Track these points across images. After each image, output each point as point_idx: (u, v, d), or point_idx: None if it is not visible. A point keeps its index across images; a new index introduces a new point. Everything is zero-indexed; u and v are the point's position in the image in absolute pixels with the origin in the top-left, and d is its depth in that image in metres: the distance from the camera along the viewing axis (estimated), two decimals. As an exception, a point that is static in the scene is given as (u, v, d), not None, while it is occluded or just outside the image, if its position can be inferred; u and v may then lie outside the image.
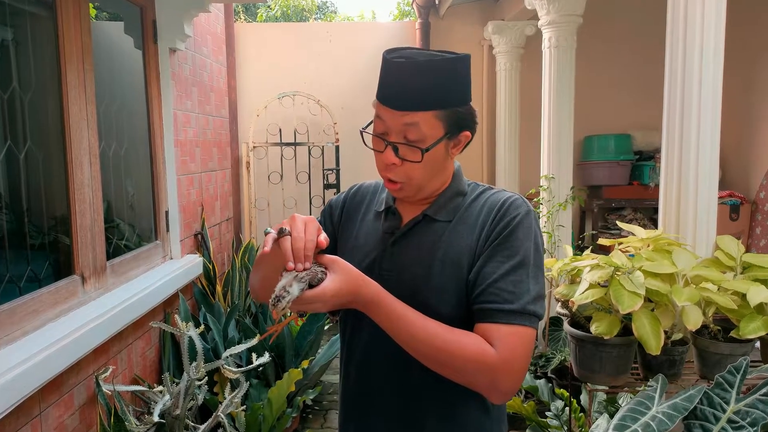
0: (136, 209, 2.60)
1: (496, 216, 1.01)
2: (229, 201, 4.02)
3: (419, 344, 0.92)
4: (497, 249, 0.98)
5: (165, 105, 2.78)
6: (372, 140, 1.04)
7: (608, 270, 1.55)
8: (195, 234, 3.17)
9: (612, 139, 4.49)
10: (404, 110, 0.96)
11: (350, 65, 4.50)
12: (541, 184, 3.21)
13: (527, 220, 1.00)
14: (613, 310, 1.56)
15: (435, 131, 0.98)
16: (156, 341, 2.55)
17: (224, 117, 3.96)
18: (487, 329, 0.93)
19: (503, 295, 0.94)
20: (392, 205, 1.10)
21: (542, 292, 0.98)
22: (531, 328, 0.94)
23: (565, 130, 3.10)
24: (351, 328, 1.12)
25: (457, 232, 1.02)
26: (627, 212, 4.57)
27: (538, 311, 0.95)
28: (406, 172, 1.00)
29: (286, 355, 2.86)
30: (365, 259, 1.07)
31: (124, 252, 2.38)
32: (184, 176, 3.02)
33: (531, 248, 0.98)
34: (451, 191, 1.07)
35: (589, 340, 1.55)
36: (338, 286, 0.89)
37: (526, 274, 0.96)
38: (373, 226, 1.11)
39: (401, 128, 0.97)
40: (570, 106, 3.11)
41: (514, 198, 1.03)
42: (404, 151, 0.99)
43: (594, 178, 4.52)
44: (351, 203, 1.18)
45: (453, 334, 0.93)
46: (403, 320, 0.93)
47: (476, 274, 0.98)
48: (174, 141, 2.85)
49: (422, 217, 1.06)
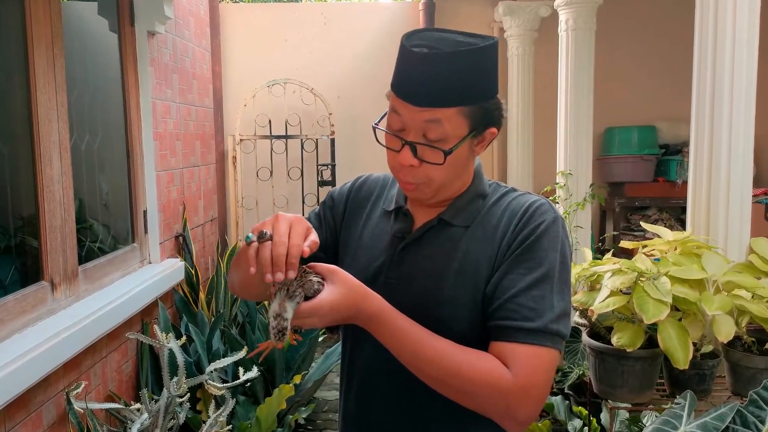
0: (111, 209, 2.60)
1: (519, 222, 0.99)
2: (213, 199, 4.02)
3: (426, 365, 0.92)
4: (519, 259, 0.96)
5: (143, 94, 2.78)
6: (385, 137, 1.02)
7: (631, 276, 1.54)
8: (176, 236, 3.17)
9: (635, 132, 4.49)
10: (426, 106, 0.94)
11: (347, 50, 4.50)
12: (557, 181, 3.21)
13: (554, 228, 0.98)
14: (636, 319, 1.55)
15: (459, 130, 0.96)
16: (133, 354, 2.55)
17: (208, 107, 3.96)
18: (504, 349, 0.92)
19: (523, 311, 0.93)
20: (403, 206, 1.09)
21: (567, 309, 0.96)
22: (553, 350, 0.93)
23: (584, 122, 3.10)
24: (353, 339, 1.11)
25: (475, 239, 1.01)
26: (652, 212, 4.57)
27: (562, 330, 0.93)
28: (425, 173, 0.99)
29: (277, 369, 2.86)
30: (371, 264, 1.06)
31: (97, 256, 2.38)
32: (163, 172, 3.02)
33: (557, 260, 0.96)
34: (471, 193, 1.05)
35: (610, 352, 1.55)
36: (337, 299, 0.88)
37: (550, 289, 0.94)
38: (381, 226, 1.10)
39: (421, 126, 0.95)
40: (589, 95, 3.11)
41: (540, 203, 1.02)
42: (423, 152, 0.97)
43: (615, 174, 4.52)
44: (356, 197, 1.17)
45: (465, 355, 0.91)
46: (409, 338, 0.92)
47: (494, 287, 0.96)
48: (153, 133, 2.85)
49: (437, 221, 1.04)
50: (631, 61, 4.61)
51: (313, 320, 0.87)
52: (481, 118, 0.97)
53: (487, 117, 0.98)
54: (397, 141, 0.98)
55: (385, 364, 1.01)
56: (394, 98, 0.99)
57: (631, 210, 4.67)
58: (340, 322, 0.93)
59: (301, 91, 4.30)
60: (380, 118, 1.03)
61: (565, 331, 0.94)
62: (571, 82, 3.08)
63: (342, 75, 4.50)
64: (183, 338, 2.26)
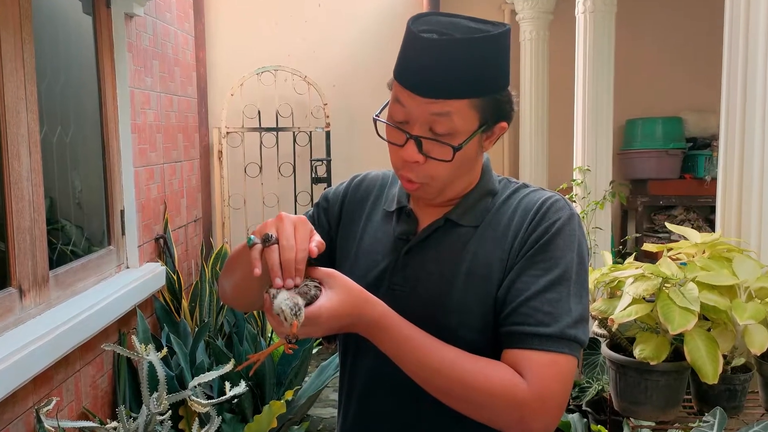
0: (86, 208, 2.60)
1: (533, 220, 1.00)
2: (197, 198, 4.02)
3: (433, 375, 0.92)
4: (533, 260, 0.97)
5: (120, 82, 2.78)
6: (387, 130, 1.02)
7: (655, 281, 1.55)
8: (156, 238, 3.17)
9: (659, 124, 4.49)
10: (434, 97, 0.94)
11: (344, 35, 4.50)
12: (573, 178, 3.21)
13: (570, 225, 0.99)
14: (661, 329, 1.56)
15: (469, 124, 0.96)
16: (109, 368, 2.55)
17: (191, 96, 3.96)
18: (518, 357, 0.93)
19: (538, 315, 0.93)
20: (406, 205, 1.09)
21: (585, 313, 0.97)
22: (571, 357, 0.93)
23: (604, 113, 3.10)
24: (353, 350, 1.11)
25: (486, 239, 1.02)
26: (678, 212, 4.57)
27: (579, 336, 0.94)
28: (430, 171, 0.99)
29: (266, 384, 2.86)
30: (372, 270, 1.07)
31: (70, 260, 2.38)
32: (142, 168, 3.02)
33: (573, 260, 0.97)
34: (479, 191, 1.06)
35: (633, 366, 1.55)
36: (336, 305, 0.88)
37: (567, 291, 0.95)
38: (382, 228, 1.10)
39: (428, 118, 0.96)
40: (609, 83, 3.11)
41: (554, 198, 1.02)
42: (430, 147, 0.97)
43: (638, 170, 4.52)
44: (354, 197, 1.17)
45: (475, 364, 0.92)
46: (414, 346, 0.92)
47: (506, 291, 0.97)
48: (131, 125, 2.85)
49: (444, 221, 1.05)
50: (655, 47, 4.61)
51: (310, 329, 0.87)
52: (492, 111, 0.98)
53: (499, 110, 0.99)
54: (401, 135, 0.98)
55: (388, 378, 1.02)
56: (397, 88, 0.98)
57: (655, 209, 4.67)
58: (339, 331, 0.93)
59: (293, 80, 4.30)
60: (381, 109, 1.03)
61: (583, 337, 0.95)
62: (589, 70, 3.08)
63: (338, 62, 4.50)
64: (164, 350, 2.25)
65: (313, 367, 3.47)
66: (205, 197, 4.22)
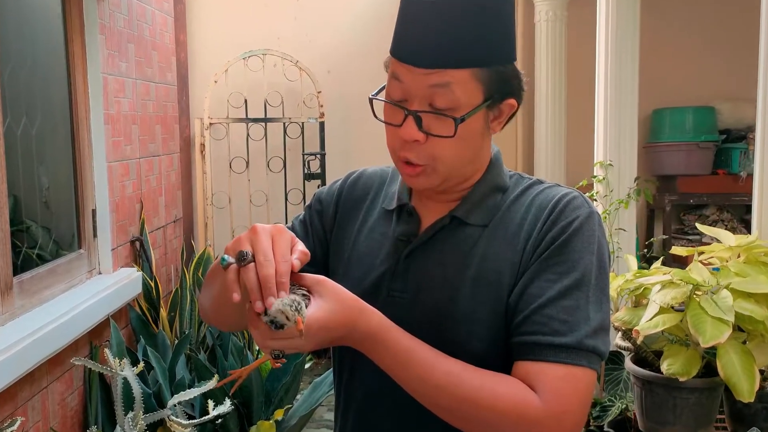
0: (53, 208, 2.60)
1: (548, 219, 1.00)
2: (177, 196, 4.02)
3: (437, 392, 0.92)
4: (548, 263, 0.97)
5: (91, 68, 2.78)
6: (384, 110, 1.02)
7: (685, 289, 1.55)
8: (131, 240, 3.17)
9: (689, 114, 4.49)
10: (432, 67, 0.95)
11: (340, 15, 4.50)
12: (594, 174, 3.21)
13: (588, 225, 0.99)
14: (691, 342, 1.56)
15: (472, 97, 0.97)
16: (79, 384, 2.55)
17: (171, 84, 3.96)
18: (531, 370, 0.93)
19: (553, 324, 0.93)
20: (407, 203, 1.09)
21: (606, 322, 0.97)
22: (589, 370, 0.93)
23: (628, 102, 3.10)
24: (349, 366, 1.11)
25: (496, 240, 1.02)
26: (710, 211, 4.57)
27: (599, 347, 0.94)
28: (432, 150, 0.99)
29: (254, 402, 2.86)
30: (369, 275, 1.07)
31: (36, 265, 2.38)
32: (116, 163, 3.02)
33: (593, 263, 0.97)
34: (487, 185, 1.06)
35: (660, 382, 1.55)
36: (327, 315, 0.88)
37: (585, 298, 0.95)
38: (381, 229, 1.10)
39: (427, 92, 0.96)
40: (633, 69, 3.11)
41: (571, 195, 1.02)
42: (430, 123, 0.98)
43: (666, 165, 4.52)
44: (350, 196, 1.17)
45: (483, 379, 0.92)
46: (416, 360, 0.92)
47: (518, 297, 0.97)
48: (104, 116, 2.85)
49: (449, 219, 1.05)
50: (685, 29, 4.61)
51: (297, 342, 0.87)
52: (498, 84, 0.98)
53: (505, 84, 0.99)
54: (399, 113, 0.99)
55: (387, 395, 1.02)
56: (394, 63, 0.99)
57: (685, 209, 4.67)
58: (331, 344, 0.93)
59: (283, 65, 4.30)
60: (378, 90, 1.04)
61: (603, 348, 0.95)
62: (611, 54, 3.08)
63: (334, 45, 4.50)
64: (140, 365, 2.26)
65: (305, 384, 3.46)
66: (185, 195, 4.22)
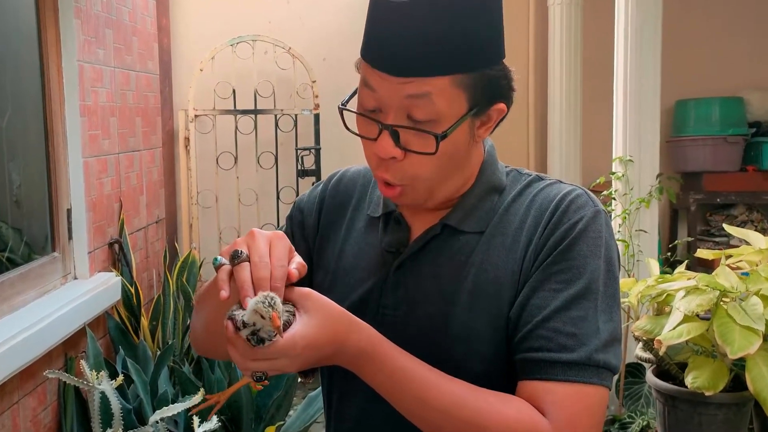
0: (25, 207, 2.60)
1: (550, 221, 1.00)
2: (159, 195, 4.02)
3: (436, 415, 0.92)
4: (551, 271, 0.97)
5: (66, 55, 2.77)
6: (357, 121, 1.01)
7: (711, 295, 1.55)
8: (110, 243, 3.17)
9: (716, 105, 4.50)
10: (408, 76, 0.92)
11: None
12: (613, 171, 3.21)
13: (595, 225, 0.99)
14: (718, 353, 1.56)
15: (455, 106, 0.95)
16: (54, 399, 2.55)
17: (152, 72, 3.96)
18: (537, 390, 0.93)
19: (560, 338, 0.93)
20: (395, 209, 1.09)
21: (617, 333, 0.97)
22: (602, 387, 0.93)
23: (649, 93, 3.11)
24: (339, 387, 1.11)
25: (493, 248, 1.01)
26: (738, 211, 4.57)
27: (611, 361, 0.94)
28: (411, 169, 0.98)
29: (243, 418, 2.86)
30: (356, 291, 1.07)
31: (7, 269, 2.38)
32: (93, 159, 3.02)
33: (600, 268, 0.97)
34: (481, 187, 1.05)
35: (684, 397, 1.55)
36: (314, 332, 0.87)
37: (594, 308, 0.95)
38: (367, 239, 1.10)
39: (403, 103, 0.94)
40: (656, 56, 3.11)
41: (576, 193, 1.02)
42: (409, 138, 0.96)
43: (690, 161, 4.52)
44: (333, 202, 1.17)
45: (489, 400, 0.92)
46: (413, 380, 0.92)
47: (521, 309, 0.97)
48: (79, 107, 2.85)
49: (441, 228, 1.04)
50: (711, 13, 4.61)
51: (282, 362, 0.86)
52: (484, 89, 0.96)
53: (492, 88, 0.97)
54: (373, 125, 0.97)
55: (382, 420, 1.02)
56: (365, 68, 0.98)
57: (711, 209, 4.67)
58: (319, 364, 0.92)
59: (275, 52, 4.30)
60: (349, 97, 1.02)
61: (615, 362, 0.95)
62: (631, 40, 3.08)
63: (330, 31, 4.50)
64: (119, 378, 2.25)
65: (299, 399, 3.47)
66: (169, 194, 4.22)
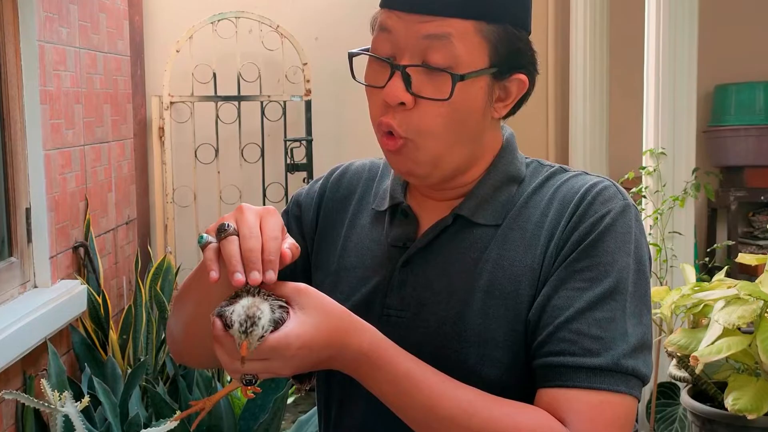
0: (-22, 205, 2.60)
1: (574, 214, 1.01)
2: (130, 192, 4.02)
3: (447, 425, 0.92)
4: (575, 268, 0.98)
5: (24, 34, 2.77)
6: (367, 69, 1.03)
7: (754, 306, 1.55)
8: (74, 246, 3.17)
9: (759, 90, 4.50)
10: (429, 13, 0.96)
11: (330, -31, 4.50)
12: (643, 165, 3.21)
13: (624, 220, 1.00)
14: (762, 371, 1.56)
15: (475, 56, 0.98)
16: (11, 422, 2.55)
17: (123, 54, 3.96)
18: (558, 398, 0.93)
19: (584, 342, 0.94)
20: (402, 201, 1.10)
21: (647, 337, 0.98)
22: (629, 397, 0.94)
23: (683, 78, 3.10)
24: (337, 399, 1.11)
25: (511, 242, 1.02)
26: (785, 211, 4.57)
27: (640, 368, 0.95)
28: (419, 120, 0.99)
29: (224, 445, 2.86)
30: (359, 290, 1.08)
31: (-43, 275, 2.38)
32: (56, 151, 3.02)
33: (630, 266, 0.98)
34: (497, 175, 1.07)
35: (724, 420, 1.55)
36: (310, 332, 0.88)
37: (622, 309, 0.96)
38: (372, 234, 1.12)
39: (421, 44, 0.97)
40: (691, 39, 3.11)
41: (603, 185, 1.03)
42: (421, 84, 0.98)
43: (731, 154, 4.52)
44: (334, 196, 1.18)
45: (503, 409, 0.93)
46: (421, 387, 0.92)
47: (541, 310, 0.98)
48: (40, 93, 2.85)
49: (452, 219, 1.06)
50: (754, -13, 4.61)
51: (275, 364, 0.87)
52: (508, 48, 0.99)
53: (516, 53, 1.00)
54: (384, 71, 1.00)
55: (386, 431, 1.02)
56: (382, 13, 1.01)
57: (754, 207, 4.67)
58: (315, 368, 0.93)
59: (261, 30, 4.30)
60: (362, 49, 1.05)
61: (644, 369, 0.96)
62: (664, 19, 3.08)
63: (322, 7, 4.50)
64: (85, 399, 2.25)
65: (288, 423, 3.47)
66: (141, 191, 4.22)
